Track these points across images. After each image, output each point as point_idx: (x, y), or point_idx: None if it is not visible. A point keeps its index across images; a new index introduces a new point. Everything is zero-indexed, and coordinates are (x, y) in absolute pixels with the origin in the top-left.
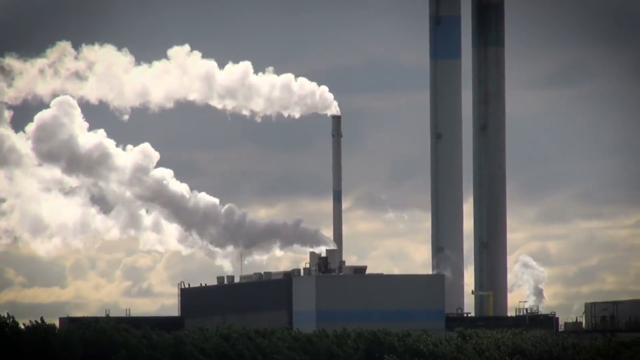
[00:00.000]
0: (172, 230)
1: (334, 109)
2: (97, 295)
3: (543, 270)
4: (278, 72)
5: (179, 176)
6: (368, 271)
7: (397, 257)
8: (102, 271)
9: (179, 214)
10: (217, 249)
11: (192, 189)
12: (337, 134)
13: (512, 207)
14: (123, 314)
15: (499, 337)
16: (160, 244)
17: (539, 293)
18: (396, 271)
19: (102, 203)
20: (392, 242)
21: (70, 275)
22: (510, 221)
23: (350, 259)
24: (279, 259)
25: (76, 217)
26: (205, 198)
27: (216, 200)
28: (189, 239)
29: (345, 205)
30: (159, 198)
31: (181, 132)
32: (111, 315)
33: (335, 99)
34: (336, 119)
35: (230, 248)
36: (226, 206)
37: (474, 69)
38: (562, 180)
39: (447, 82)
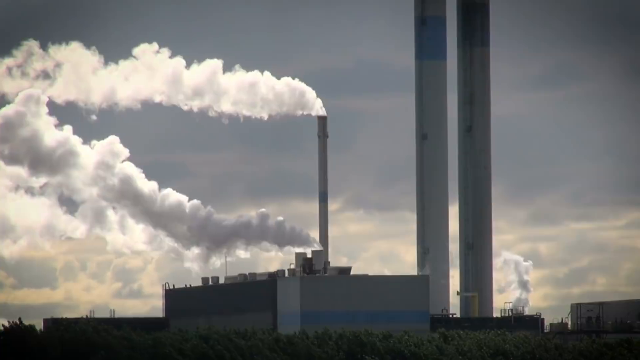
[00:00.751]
0: (139, 230)
1: (319, 109)
2: (88, 297)
3: (528, 265)
4: (266, 72)
5: (167, 178)
6: (359, 272)
7: (387, 259)
8: (93, 273)
9: (147, 213)
10: (184, 250)
11: (182, 191)
12: (322, 134)
13: (502, 209)
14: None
15: (482, 338)
16: (127, 246)
17: (524, 285)
18: (387, 272)
19: (69, 202)
20: (382, 244)
21: (61, 276)
22: (500, 223)
23: (341, 260)
24: (269, 260)
25: (43, 218)
26: (172, 196)
27: (184, 198)
28: (157, 239)
29: (336, 206)
30: (126, 197)
31: (172, 134)
32: (99, 316)
33: (322, 100)
34: (322, 119)
35: (196, 249)
36: (190, 203)
37: (459, 69)
38: (552, 182)
39: (432, 82)
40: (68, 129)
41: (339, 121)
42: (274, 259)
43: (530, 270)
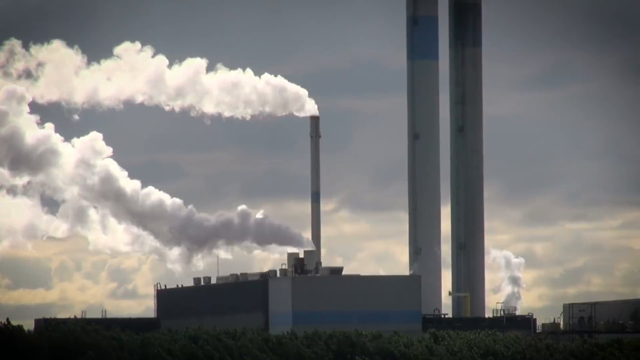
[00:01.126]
0: (121, 230)
1: (311, 109)
2: (82, 297)
3: (519, 261)
4: (257, 73)
5: (162, 179)
6: (354, 273)
7: (382, 259)
8: (87, 273)
9: (128, 212)
10: (167, 251)
11: (175, 192)
12: (315, 134)
13: (496, 209)
14: (107, 316)
15: (472, 339)
16: (109, 246)
17: (515, 281)
18: (381, 273)
19: (51, 202)
20: (377, 244)
21: (56, 276)
22: (495, 223)
23: (336, 261)
24: (262, 260)
25: (25, 218)
26: (153, 195)
27: (166, 197)
28: (140, 239)
29: (330, 206)
30: (107, 196)
31: (162, 134)
32: (91, 317)
33: (315, 100)
34: (314, 119)
35: (177, 250)
36: (171, 202)
37: (451, 69)
38: (547, 182)
39: (424, 82)
40: (49, 126)
41: (332, 121)
42: (267, 259)
43: (522, 266)
